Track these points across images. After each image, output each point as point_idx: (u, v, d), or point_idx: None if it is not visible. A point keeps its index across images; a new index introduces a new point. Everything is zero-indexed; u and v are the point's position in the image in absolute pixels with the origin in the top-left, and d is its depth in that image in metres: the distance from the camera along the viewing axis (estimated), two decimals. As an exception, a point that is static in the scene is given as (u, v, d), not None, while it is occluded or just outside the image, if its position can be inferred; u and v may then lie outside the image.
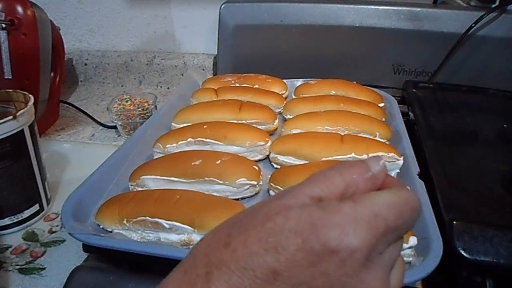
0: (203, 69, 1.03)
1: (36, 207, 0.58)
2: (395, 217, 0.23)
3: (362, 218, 0.22)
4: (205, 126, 0.63)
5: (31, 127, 0.55)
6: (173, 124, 0.69)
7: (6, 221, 0.56)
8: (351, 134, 0.62)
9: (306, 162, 0.58)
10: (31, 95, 0.57)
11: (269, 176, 0.55)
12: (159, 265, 0.45)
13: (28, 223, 0.58)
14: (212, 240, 0.24)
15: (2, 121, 0.50)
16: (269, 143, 0.62)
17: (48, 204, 0.61)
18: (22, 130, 0.54)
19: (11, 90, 0.59)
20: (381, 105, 0.73)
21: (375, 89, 0.77)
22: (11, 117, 0.51)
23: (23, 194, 0.56)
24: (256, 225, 0.23)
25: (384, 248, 0.23)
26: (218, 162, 0.54)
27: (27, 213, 0.57)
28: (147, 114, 0.80)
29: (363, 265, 0.22)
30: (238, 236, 0.23)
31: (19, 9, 0.74)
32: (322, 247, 0.21)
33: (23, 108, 0.53)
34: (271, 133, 0.68)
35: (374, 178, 0.25)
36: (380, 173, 0.25)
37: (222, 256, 0.22)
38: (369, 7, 0.83)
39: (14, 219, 0.56)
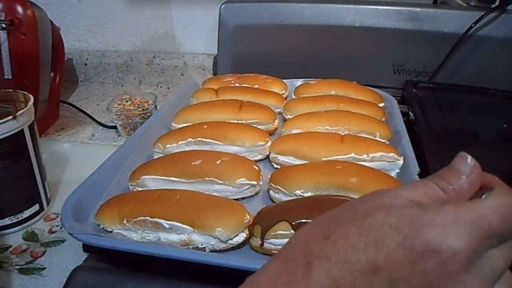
0: (203, 69, 1.03)
1: (36, 207, 0.58)
2: (500, 220, 0.22)
3: (465, 220, 0.22)
4: (205, 126, 0.63)
5: (31, 127, 0.55)
6: (173, 124, 0.69)
7: (6, 221, 0.56)
8: (351, 134, 0.62)
9: (306, 162, 0.57)
10: (31, 95, 0.57)
11: (269, 176, 0.55)
12: (159, 265, 0.45)
13: (28, 223, 0.58)
14: (311, 232, 0.24)
15: (2, 121, 0.50)
16: (269, 143, 0.62)
17: (48, 204, 0.61)
18: (22, 130, 0.53)
19: (11, 90, 0.59)
20: (381, 105, 0.73)
21: (375, 89, 0.77)
22: (11, 117, 0.51)
23: (23, 194, 0.56)
24: (357, 219, 0.23)
25: (485, 252, 0.22)
26: (218, 162, 0.54)
27: (27, 213, 0.57)
28: (147, 114, 0.80)
29: (465, 267, 0.21)
30: (339, 230, 0.23)
31: (19, 9, 0.74)
32: (423, 246, 0.21)
33: (23, 108, 0.53)
34: (271, 133, 0.68)
35: (471, 181, 0.25)
36: (473, 171, 0.25)
37: (322, 248, 0.23)
38: (369, 7, 0.83)
39: (14, 219, 0.56)
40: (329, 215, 0.25)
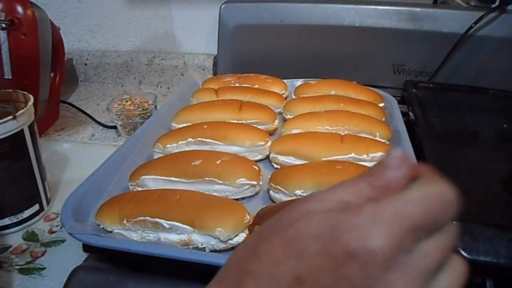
0: (203, 69, 1.03)
1: (36, 207, 0.58)
2: (424, 212, 0.21)
3: (384, 218, 0.21)
4: (205, 126, 0.62)
5: (30, 127, 0.55)
6: (173, 124, 0.69)
7: (6, 221, 0.56)
8: (351, 134, 0.62)
9: (306, 162, 0.58)
10: (31, 95, 0.57)
11: (269, 176, 0.55)
12: (159, 265, 0.45)
13: (28, 223, 0.57)
14: (242, 250, 0.24)
15: (1, 121, 0.50)
16: (269, 143, 0.62)
17: (48, 204, 0.61)
18: (22, 130, 0.53)
19: (11, 90, 0.59)
20: (381, 105, 0.73)
21: (375, 89, 0.77)
22: (11, 117, 0.51)
23: (23, 194, 0.56)
24: (279, 232, 0.23)
25: (412, 246, 0.21)
26: (218, 162, 0.54)
27: (27, 213, 0.57)
28: (147, 114, 0.80)
29: (386, 267, 0.21)
30: (264, 244, 0.23)
31: (19, 9, 0.74)
32: (342, 251, 0.21)
33: (23, 108, 0.53)
34: (271, 133, 0.68)
35: (399, 175, 0.24)
36: (401, 164, 0.24)
37: (250, 265, 0.23)
38: (369, 7, 0.83)
39: (14, 219, 0.56)
40: (261, 229, 0.25)
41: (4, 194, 0.54)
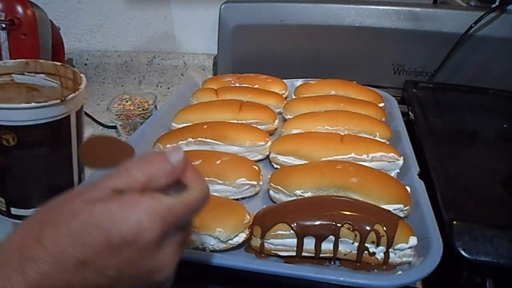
0: (203, 69, 1.03)
1: None
2: (185, 213, 0.30)
3: (157, 213, 0.27)
4: (205, 126, 0.62)
5: (78, 113, 0.49)
6: (173, 124, 0.69)
7: (31, 212, 0.49)
8: (351, 134, 0.62)
9: (306, 162, 0.57)
10: (82, 75, 0.50)
11: (269, 176, 0.55)
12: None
13: None
14: (23, 235, 0.27)
15: (47, 104, 0.44)
16: (269, 143, 0.62)
17: None
18: (69, 117, 0.47)
19: (59, 63, 0.53)
20: (381, 105, 0.73)
21: (375, 89, 0.77)
22: (58, 101, 0.44)
23: (56, 186, 0.50)
24: (64, 223, 0.26)
25: (176, 232, 0.30)
26: (218, 162, 0.54)
27: None
28: (147, 114, 0.80)
29: (156, 248, 0.28)
30: (48, 233, 0.26)
31: (19, 9, 0.74)
32: (122, 240, 0.26)
33: (71, 89, 0.46)
34: (271, 133, 0.68)
35: (173, 171, 0.30)
36: (179, 164, 0.30)
37: (34, 251, 0.25)
38: (369, 7, 0.83)
39: None
40: (40, 216, 0.28)
41: (37, 184, 0.49)
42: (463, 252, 0.42)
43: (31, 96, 0.52)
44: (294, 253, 0.44)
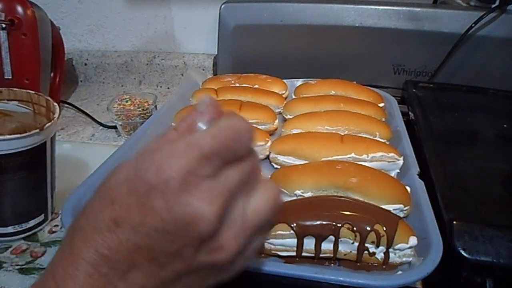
0: (203, 69, 1.03)
1: (41, 217, 0.56)
2: (211, 142, 0.25)
3: (177, 151, 0.24)
4: (205, 126, 0.62)
5: (52, 138, 0.53)
6: (173, 124, 0.69)
7: (10, 229, 0.54)
8: (351, 134, 0.62)
9: (306, 162, 0.57)
10: (55, 104, 0.54)
11: (269, 176, 0.55)
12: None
13: (30, 232, 0.56)
14: (77, 216, 0.28)
15: (28, 134, 0.48)
16: (269, 143, 0.62)
17: (52, 213, 0.59)
18: (45, 143, 0.52)
19: (32, 92, 0.56)
20: (381, 105, 0.73)
21: (375, 89, 0.77)
22: (37, 130, 0.49)
23: (32, 205, 0.55)
24: (100, 190, 0.27)
25: (213, 171, 0.25)
26: (218, 162, 0.54)
27: (31, 223, 0.55)
28: (147, 114, 0.80)
29: (181, 190, 0.24)
30: (90, 202, 0.27)
31: (19, 9, 0.74)
32: (145, 186, 0.24)
33: (44, 115, 0.50)
34: (271, 133, 0.68)
35: (203, 115, 0.27)
36: (206, 108, 0.27)
37: (79, 222, 0.26)
38: (369, 7, 0.83)
39: (18, 228, 0.54)
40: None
41: (14, 204, 0.53)
42: (463, 252, 0.42)
43: (3, 121, 0.56)
44: (294, 253, 0.44)
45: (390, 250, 0.43)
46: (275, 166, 0.61)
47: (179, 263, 0.25)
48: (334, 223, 0.43)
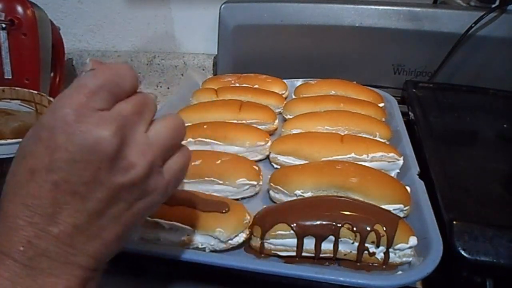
0: (203, 69, 1.03)
1: None
2: (94, 79, 0.28)
3: (66, 93, 0.27)
4: (205, 126, 0.62)
5: None
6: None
7: None
8: (351, 134, 0.62)
9: (306, 162, 0.57)
10: None
11: (269, 176, 0.55)
12: (159, 265, 0.45)
13: None
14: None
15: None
16: (269, 143, 0.62)
17: None
18: None
19: (35, 92, 0.56)
20: (381, 105, 0.73)
21: (375, 89, 0.77)
22: None
23: None
24: (15, 156, 0.28)
25: (105, 104, 0.28)
26: (218, 162, 0.54)
27: None
28: (147, 114, 0.79)
29: (78, 121, 0.26)
30: (9, 169, 0.28)
31: (19, 9, 0.74)
32: (46, 130, 0.27)
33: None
34: (271, 133, 0.68)
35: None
36: (90, 63, 0.30)
37: (4, 191, 0.27)
38: (369, 7, 0.83)
39: None
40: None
41: None
42: (463, 252, 0.42)
43: (6, 120, 0.57)
44: (294, 253, 0.44)
45: (390, 250, 0.43)
46: (275, 166, 0.61)
47: (99, 191, 0.27)
48: (334, 223, 0.43)
